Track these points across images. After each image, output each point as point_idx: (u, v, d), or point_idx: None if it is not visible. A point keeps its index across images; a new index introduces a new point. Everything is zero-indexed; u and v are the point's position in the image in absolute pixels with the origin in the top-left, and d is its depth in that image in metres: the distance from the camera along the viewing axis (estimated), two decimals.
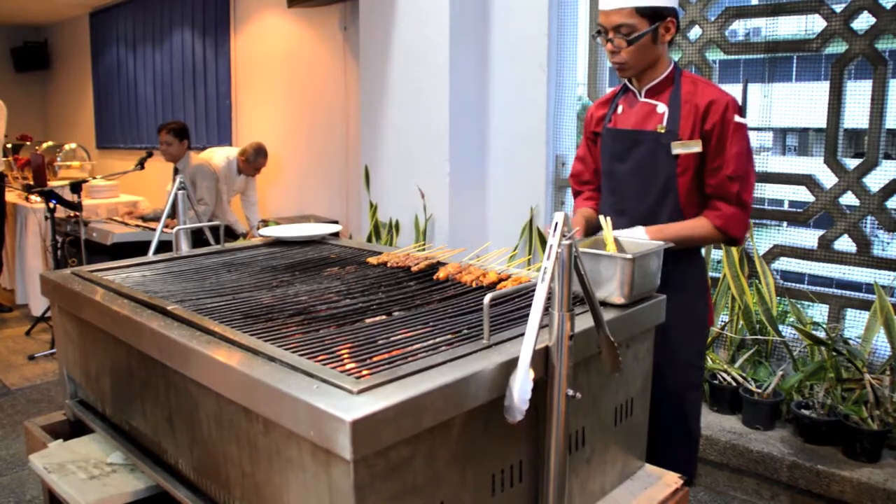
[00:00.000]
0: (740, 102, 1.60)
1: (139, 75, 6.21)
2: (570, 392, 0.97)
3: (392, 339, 1.04)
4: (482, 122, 3.43)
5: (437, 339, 1.04)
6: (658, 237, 1.55)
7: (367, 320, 1.15)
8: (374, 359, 0.95)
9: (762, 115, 2.83)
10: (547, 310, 0.96)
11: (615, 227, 1.27)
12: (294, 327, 1.10)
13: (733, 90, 2.99)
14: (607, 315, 1.15)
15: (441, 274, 1.42)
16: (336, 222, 3.70)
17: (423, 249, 1.72)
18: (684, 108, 1.60)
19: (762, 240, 2.83)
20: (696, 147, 1.58)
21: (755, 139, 1.88)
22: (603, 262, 1.20)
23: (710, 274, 2.82)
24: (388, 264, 1.55)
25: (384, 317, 1.17)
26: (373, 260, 1.59)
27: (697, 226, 1.59)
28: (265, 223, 4.11)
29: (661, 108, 1.63)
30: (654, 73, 1.65)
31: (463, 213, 3.37)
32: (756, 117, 2.78)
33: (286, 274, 1.50)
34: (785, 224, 2.81)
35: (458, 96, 3.32)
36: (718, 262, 2.87)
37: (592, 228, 1.78)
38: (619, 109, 1.72)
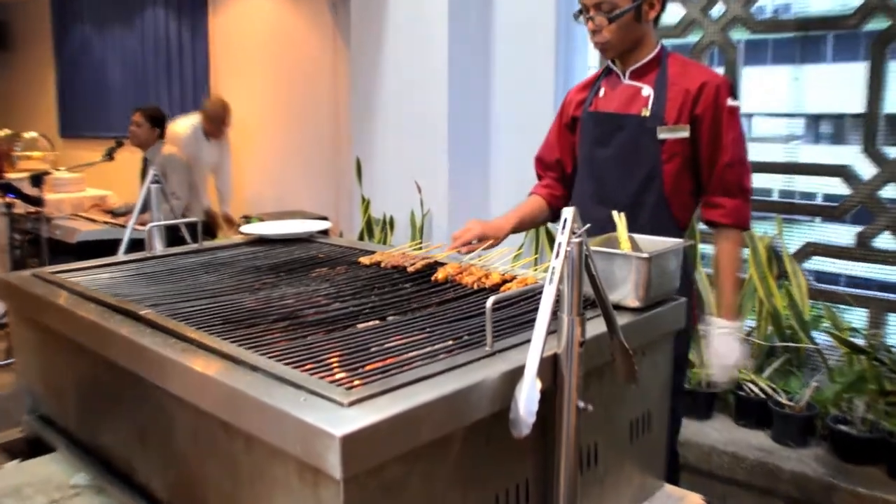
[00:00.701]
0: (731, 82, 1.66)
1: (108, 58, 6.21)
2: (581, 404, 0.98)
3: (386, 346, 1.05)
4: (484, 110, 3.44)
5: (436, 346, 1.04)
6: (732, 302, 1.59)
7: (359, 326, 1.16)
8: (367, 368, 0.96)
9: (793, 99, 2.83)
10: (555, 314, 0.96)
11: (595, 218, 1.29)
12: (279, 334, 1.11)
13: (761, 73, 2.99)
14: (621, 319, 1.16)
15: (440, 275, 1.43)
16: (325, 219, 3.71)
17: (420, 248, 1.72)
18: (671, 91, 1.63)
19: (793, 237, 2.83)
20: (683, 132, 1.61)
21: (785, 126, 1.90)
22: (616, 262, 1.21)
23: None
24: (382, 264, 1.55)
25: (377, 322, 1.18)
26: (365, 260, 1.59)
27: (726, 250, 1.63)
28: (247, 219, 4.12)
29: (647, 90, 1.65)
30: (638, 54, 1.67)
31: (463, 208, 3.38)
32: (786, 102, 2.79)
33: (270, 275, 1.51)
34: (818, 219, 2.82)
35: (458, 83, 3.33)
36: (744, 261, 2.88)
37: (532, 222, 1.83)
38: (601, 92, 1.75)
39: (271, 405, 0.86)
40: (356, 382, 0.91)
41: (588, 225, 0.95)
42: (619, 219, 1.37)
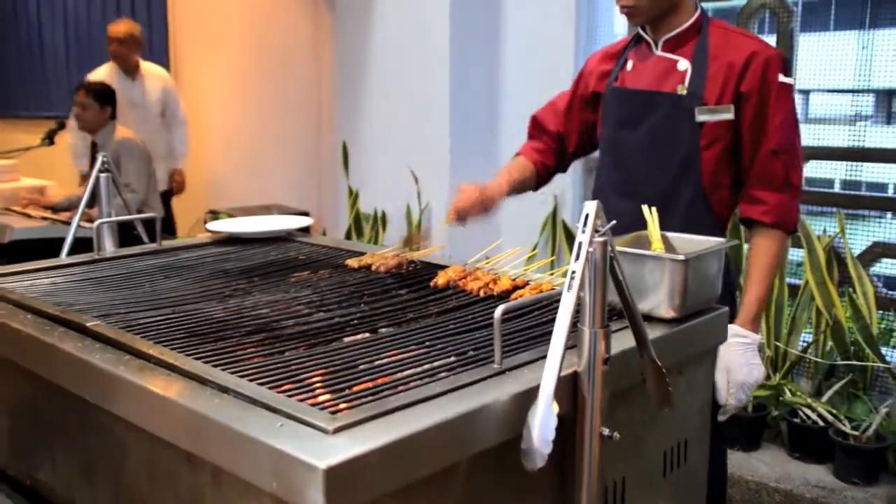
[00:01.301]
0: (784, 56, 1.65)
1: (44, 24, 6.21)
2: (606, 432, 0.99)
3: (377, 363, 1.06)
4: (492, 84, 3.45)
5: (436, 364, 1.05)
6: (756, 312, 1.58)
7: (346, 339, 1.17)
8: (355, 388, 0.97)
9: (860, 73, 2.83)
10: (575, 325, 0.97)
11: (620, 213, 1.29)
12: (252, 348, 1.12)
13: (822, 41, 3.00)
14: (653, 332, 1.17)
15: (440, 280, 1.44)
16: (305, 214, 3.72)
17: (418, 248, 1.73)
18: (712, 66, 1.61)
19: (857, 236, 2.84)
20: (727, 114, 1.60)
21: (850, 104, 1.91)
22: (647, 265, 1.22)
23: (788, 280, 2.83)
24: (374, 268, 1.56)
25: (367, 335, 1.19)
26: (353, 262, 1.60)
27: (762, 250, 1.61)
28: (214, 215, 4.13)
29: (683, 64, 1.64)
30: (674, 21, 1.66)
31: None
32: (852, 76, 2.79)
33: (242, 280, 1.51)
34: (889, 215, 2.82)
35: (461, 53, 3.34)
36: (799, 264, 2.88)
37: (520, 190, 1.83)
38: (630, 65, 1.74)
39: (242, 433, 0.87)
40: (342, 406, 0.92)
41: (613, 222, 0.96)
42: (651, 214, 1.38)
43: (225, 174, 5.12)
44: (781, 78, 1.60)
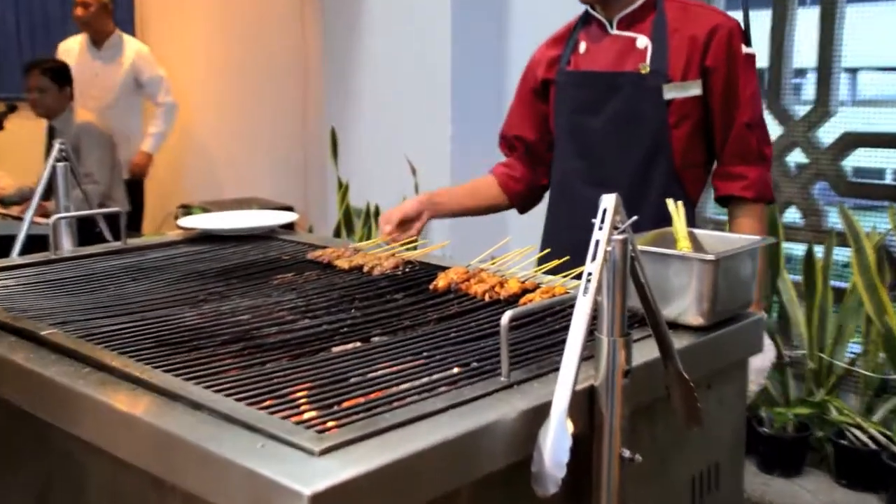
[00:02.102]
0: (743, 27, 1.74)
1: None
2: (627, 453, 0.99)
3: (370, 375, 1.06)
4: (500, 63, 3.46)
5: (435, 376, 1.05)
6: (756, 293, 1.62)
7: (335, 349, 1.17)
8: (345, 404, 0.97)
9: None
10: (592, 334, 0.97)
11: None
12: (230, 360, 1.12)
13: (865, 13, 2.99)
14: (679, 342, 1.17)
15: (440, 282, 1.44)
16: (290, 208, 3.72)
17: (416, 247, 1.74)
18: (673, 40, 1.70)
19: None
20: (694, 89, 1.69)
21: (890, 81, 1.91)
22: (673, 266, 1.22)
23: (833, 282, 2.83)
24: (366, 269, 1.57)
25: (359, 344, 1.19)
26: (342, 263, 1.61)
27: (747, 228, 1.70)
28: (186, 210, 4.14)
29: (643, 41, 1.72)
30: None
31: None
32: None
33: (218, 283, 1.52)
34: None
35: (465, 28, 3.35)
36: (845, 265, 2.88)
37: (480, 207, 1.95)
38: (582, 47, 1.81)
39: (218, 454, 0.87)
40: (330, 424, 0.92)
41: (634, 217, 0.96)
42: (676, 209, 1.38)
43: (198, 164, 5.12)
44: (745, 49, 1.70)
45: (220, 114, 4.97)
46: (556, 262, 1.51)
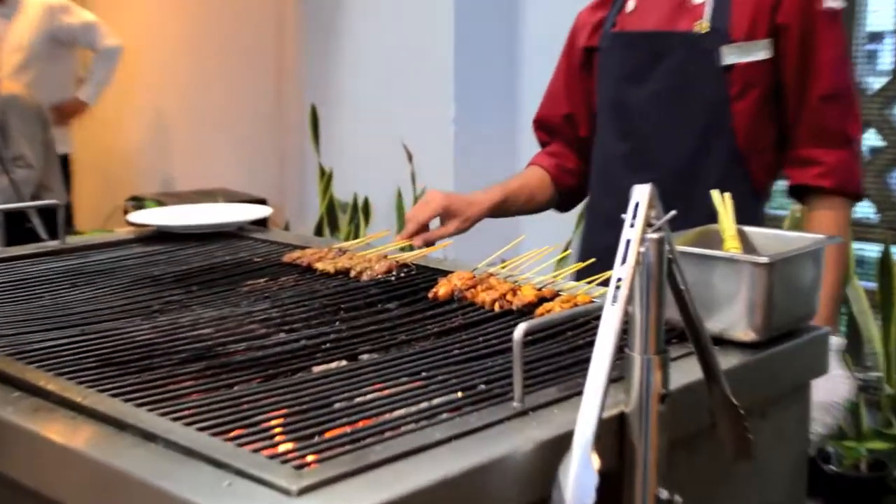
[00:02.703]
0: None
1: None
2: (664, 494, 0.99)
3: (358, 400, 1.06)
4: (512, 29, 3.46)
5: (435, 401, 1.06)
6: (832, 310, 1.62)
7: (316, 368, 1.17)
8: (328, 434, 0.97)
9: None
10: (622, 351, 0.98)
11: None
12: (190, 381, 1.13)
13: None
14: (727, 361, 1.17)
15: (441, 290, 1.45)
16: (262, 202, 3.72)
17: (412, 248, 1.74)
18: None
19: None
20: (762, 52, 1.65)
21: None
22: (718, 270, 1.22)
23: (863, 284, 2.83)
24: (353, 273, 1.57)
25: (344, 362, 1.20)
26: (327, 265, 1.61)
27: (824, 227, 1.64)
28: (138, 203, 4.14)
29: None
30: None
31: (479, 186, 3.39)
32: None
33: (177, 290, 1.52)
34: None
35: None
36: None
37: (527, 204, 1.91)
38: (630, 5, 1.80)
39: (175, 495, 0.87)
40: (310, 458, 0.92)
41: (672, 212, 0.97)
42: (723, 202, 1.38)
43: (152, 148, 5.13)
44: (828, 3, 1.65)
45: (178, 90, 4.97)
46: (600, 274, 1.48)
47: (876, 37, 3.21)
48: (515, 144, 3.48)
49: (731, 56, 1.65)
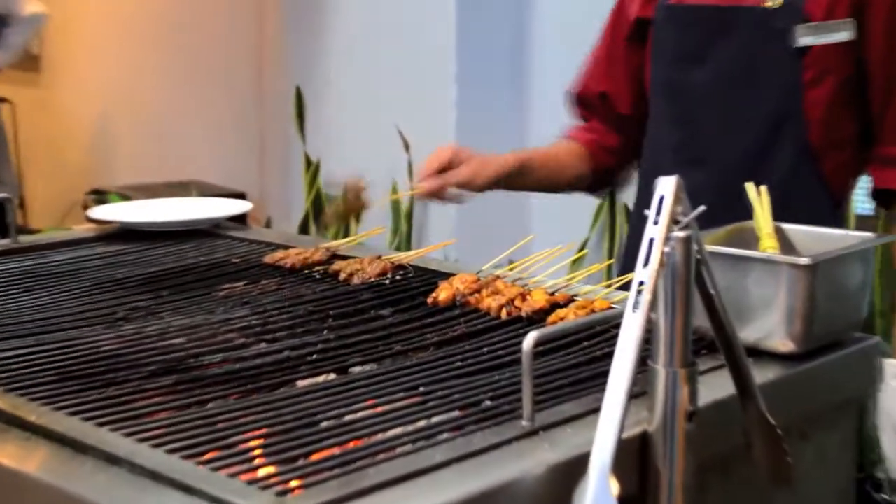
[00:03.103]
0: None
1: None
2: None
3: (347, 418, 1.06)
4: (518, 2, 3.46)
5: (435, 420, 1.06)
6: None
7: (301, 382, 1.17)
8: (314, 457, 0.97)
9: None
10: (645, 363, 0.98)
11: (687, 184, 1.31)
12: (159, 398, 1.13)
13: None
14: (763, 374, 1.17)
15: (442, 294, 1.45)
16: (241, 196, 3.72)
17: (409, 247, 1.74)
18: None
19: None
20: (843, 33, 1.63)
21: None
22: (753, 272, 1.22)
23: None
24: (343, 276, 1.58)
25: (333, 376, 1.20)
26: (312, 267, 1.61)
27: None
28: (100, 197, 4.14)
29: None
30: None
31: None
32: None
33: (144, 295, 1.52)
34: None
35: None
36: None
37: (552, 178, 1.89)
38: None
39: None
40: (294, 483, 0.92)
41: (701, 207, 0.97)
42: (760, 196, 1.38)
43: (116, 136, 5.12)
44: None
45: (144, 68, 4.97)
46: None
47: None
48: (525, 130, 3.47)
49: (807, 37, 1.63)
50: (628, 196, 3.25)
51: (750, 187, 1.39)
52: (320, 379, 1.19)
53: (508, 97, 3.47)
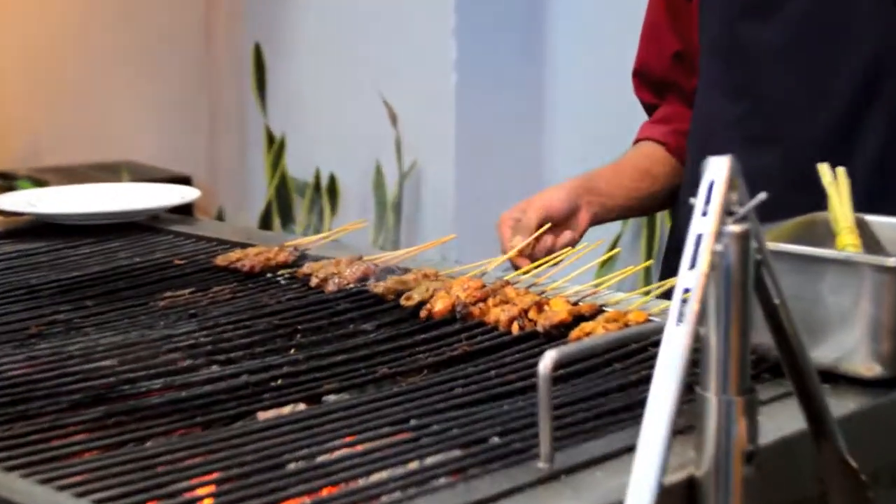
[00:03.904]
0: None
1: None
2: None
3: (321, 459, 1.07)
4: None
5: (429, 461, 1.06)
6: None
7: (263, 415, 1.18)
8: None
9: None
10: (691, 389, 0.98)
11: (749, 172, 1.30)
12: (83, 434, 1.13)
13: None
14: (842, 404, 1.17)
15: (438, 304, 1.45)
16: (186, 180, 3.72)
17: (398, 245, 1.74)
18: None
19: None
20: None
21: None
22: (829, 276, 1.22)
23: None
24: (315, 281, 1.59)
25: (302, 406, 1.20)
26: (275, 270, 1.62)
27: None
28: (6, 182, 4.14)
29: None
30: None
31: (491, 158, 3.39)
32: None
33: (64, 305, 1.53)
34: None
35: None
36: None
37: (652, 199, 1.92)
38: None
39: None
40: None
41: (762, 194, 0.97)
42: (836, 182, 1.38)
43: (23, 104, 5.11)
44: None
45: (60, 21, 4.96)
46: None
47: None
48: (542, 97, 3.48)
49: None
50: None
51: (824, 169, 1.39)
52: (286, 410, 1.19)
53: (519, 53, 3.47)
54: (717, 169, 0.97)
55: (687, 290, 0.95)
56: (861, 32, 1.68)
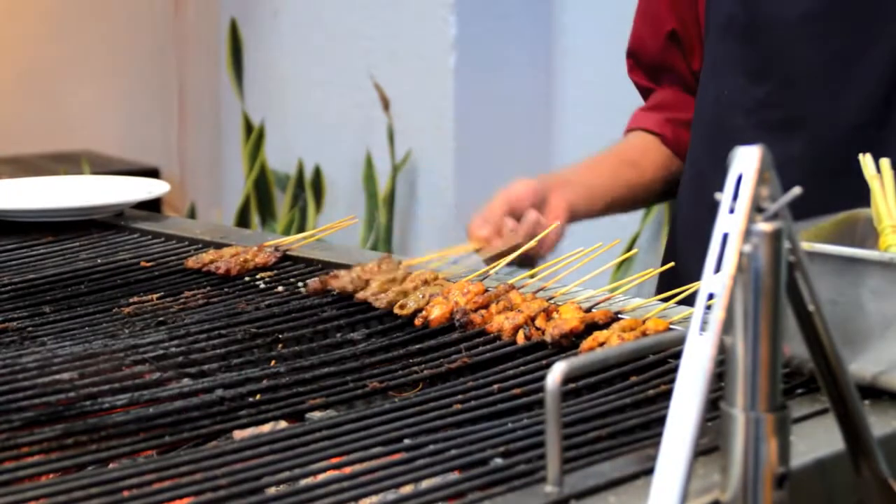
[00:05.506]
0: None
1: None
2: None
3: (304, 483, 1.07)
4: None
5: (424, 484, 1.06)
6: None
7: (239, 433, 1.18)
8: None
9: None
10: (716, 405, 0.99)
11: (775, 155, 1.31)
12: (40, 455, 1.13)
13: None
14: (885, 423, 1.18)
15: (435, 310, 1.46)
16: (153, 173, 3.71)
17: (390, 244, 1.75)
18: None
19: None
20: None
21: None
22: (870, 280, 1.23)
23: None
24: (298, 285, 1.59)
25: (283, 424, 1.21)
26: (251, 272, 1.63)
27: None
28: None
29: None
30: None
31: (496, 145, 3.38)
32: None
33: (17, 312, 1.53)
34: None
35: None
36: None
37: (637, 195, 1.94)
38: None
39: None
40: None
41: (796, 189, 0.97)
42: (881, 173, 1.39)
43: None
44: None
45: (17, 2, 4.96)
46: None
47: None
48: (551, 79, 3.48)
49: None
50: None
51: (866, 160, 1.39)
52: (266, 428, 1.20)
53: (526, 30, 3.48)
54: (746, 160, 0.96)
55: (711, 296, 0.95)
56: (892, 6, 1.69)
